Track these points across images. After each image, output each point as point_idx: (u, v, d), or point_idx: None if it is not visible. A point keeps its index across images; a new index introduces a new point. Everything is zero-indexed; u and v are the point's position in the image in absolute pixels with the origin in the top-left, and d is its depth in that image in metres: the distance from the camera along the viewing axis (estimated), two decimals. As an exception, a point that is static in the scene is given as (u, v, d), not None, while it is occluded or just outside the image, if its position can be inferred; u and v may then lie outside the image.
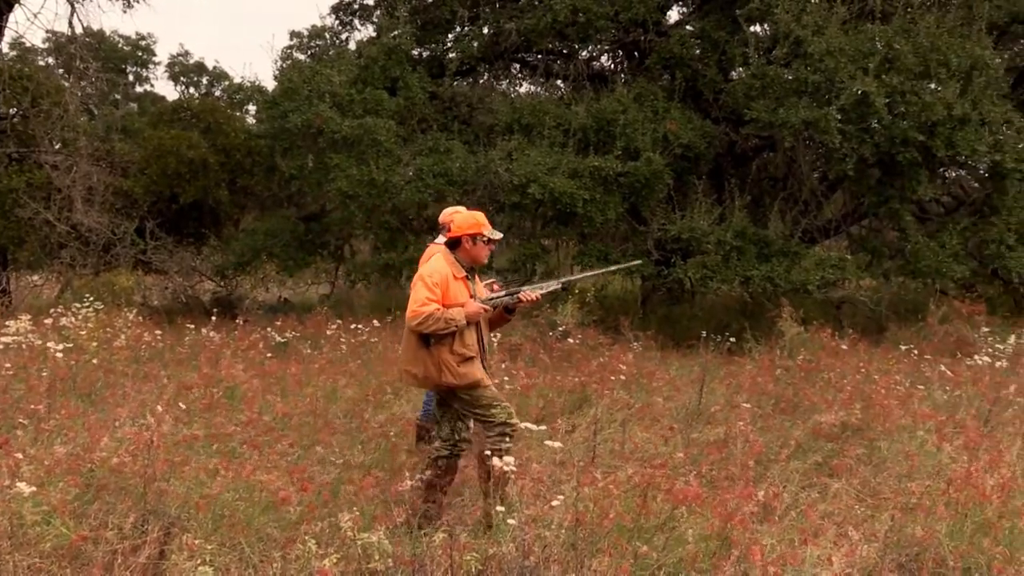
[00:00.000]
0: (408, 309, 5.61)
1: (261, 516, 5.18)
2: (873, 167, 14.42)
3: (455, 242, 5.87)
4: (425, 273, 5.73)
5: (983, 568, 4.78)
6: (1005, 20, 16.21)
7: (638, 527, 4.99)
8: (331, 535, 4.75)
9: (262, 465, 6.06)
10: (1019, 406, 8.35)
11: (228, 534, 4.92)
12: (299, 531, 4.75)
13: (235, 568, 4.69)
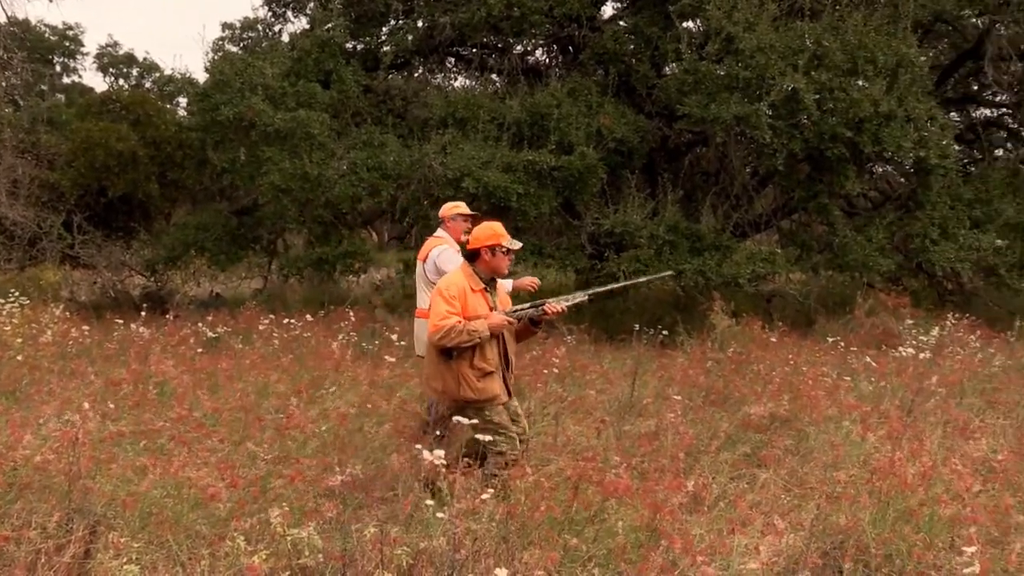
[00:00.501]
0: (429, 324, 5.63)
1: (190, 513, 5.13)
2: (803, 162, 14.65)
3: (474, 254, 5.84)
4: (442, 287, 5.74)
5: (904, 555, 4.89)
6: (929, 19, 16.54)
7: (569, 519, 5.04)
8: (261, 531, 4.72)
9: (191, 462, 6.00)
10: (941, 396, 8.53)
11: (155, 532, 4.87)
12: (228, 528, 4.71)
13: (162, 566, 4.64)
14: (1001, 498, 5.59)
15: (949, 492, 5.66)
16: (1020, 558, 4.69)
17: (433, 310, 5.65)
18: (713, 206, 14.79)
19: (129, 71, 36.60)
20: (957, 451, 6.77)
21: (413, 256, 15.32)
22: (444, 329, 5.52)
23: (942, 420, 7.76)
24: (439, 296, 5.67)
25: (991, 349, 11.63)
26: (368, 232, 26.33)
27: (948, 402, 8.39)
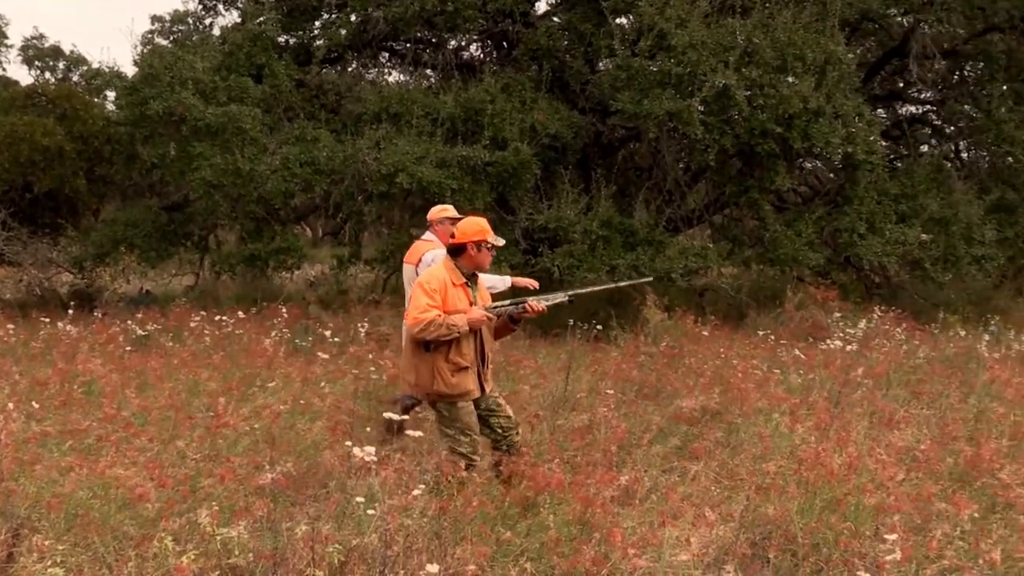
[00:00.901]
0: (408, 316, 5.69)
1: (117, 514, 5.06)
2: (734, 158, 14.83)
3: (459, 249, 5.85)
4: (423, 280, 5.75)
5: (830, 543, 4.98)
6: (856, 17, 16.84)
7: (502, 514, 5.05)
8: (190, 531, 4.67)
9: (119, 461, 5.91)
10: (867, 388, 8.71)
11: (81, 534, 4.79)
12: (157, 528, 4.65)
13: (88, 569, 4.57)
14: (924, 486, 5.72)
15: (874, 481, 5.77)
16: (940, 544, 4.80)
17: (413, 302, 5.68)
18: (646, 201, 14.91)
19: (55, 64, 35.73)
20: (882, 441, 6.92)
21: (346, 252, 15.40)
22: (424, 322, 5.54)
23: (868, 411, 7.92)
24: (420, 289, 5.69)
25: (916, 341, 11.91)
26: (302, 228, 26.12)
27: (874, 393, 8.57)
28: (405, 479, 5.15)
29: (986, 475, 6.12)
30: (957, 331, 13.09)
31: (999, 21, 17.07)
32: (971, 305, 15.95)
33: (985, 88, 17.48)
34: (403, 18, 15.24)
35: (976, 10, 17.16)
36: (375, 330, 11.77)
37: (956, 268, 15.34)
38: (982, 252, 15.59)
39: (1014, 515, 5.48)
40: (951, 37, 18.29)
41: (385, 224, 15.66)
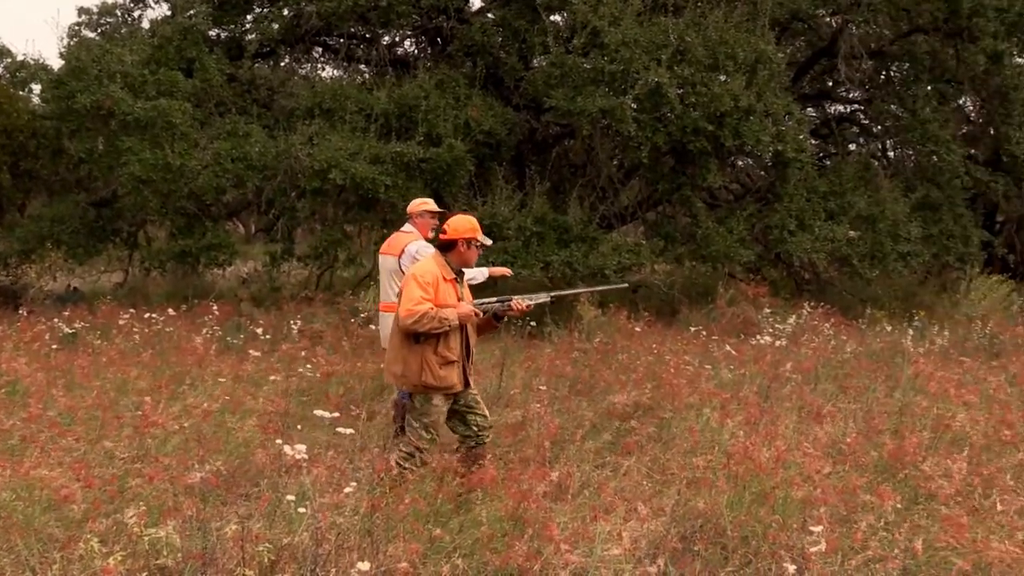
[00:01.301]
0: (401, 307, 5.74)
1: (42, 516, 4.96)
2: (667, 155, 14.96)
3: (450, 244, 5.96)
4: (417, 273, 5.84)
5: (759, 536, 5.06)
6: (786, 17, 17.09)
7: (434, 511, 5.05)
8: (117, 532, 4.60)
9: (44, 462, 5.80)
10: (796, 382, 8.85)
11: (4, 536, 4.69)
12: (83, 530, 4.57)
13: (11, 572, 4.47)
14: (849, 479, 5.83)
15: (801, 474, 5.87)
16: (865, 535, 4.89)
17: (407, 294, 5.75)
18: (580, 198, 14.97)
19: (-22, 57, 34.97)
20: (810, 435, 7.03)
21: (279, 249, 15.24)
22: (418, 314, 5.63)
23: (797, 405, 8.04)
24: (414, 281, 5.77)
25: (844, 336, 12.12)
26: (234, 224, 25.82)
27: (803, 388, 8.70)
28: (337, 477, 5.13)
29: (909, 467, 6.25)
30: (884, 326, 13.34)
31: (923, 23, 17.43)
32: (897, 301, 16.26)
33: (910, 88, 17.84)
34: (336, 13, 15.15)
35: (901, 12, 17.50)
36: (308, 327, 11.69)
37: (883, 265, 15.65)
38: (908, 249, 15.91)
39: (935, 506, 5.60)
40: (878, 38, 18.65)
41: (318, 220, 15.51)
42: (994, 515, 5.57)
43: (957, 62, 17.53)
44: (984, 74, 17.01)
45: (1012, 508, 5.64)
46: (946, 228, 17.27)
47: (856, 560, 4.78)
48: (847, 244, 15.19)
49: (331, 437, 6.71)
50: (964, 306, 16.73)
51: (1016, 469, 6.46)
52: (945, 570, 4.80)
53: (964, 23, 16.27)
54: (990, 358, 11.86)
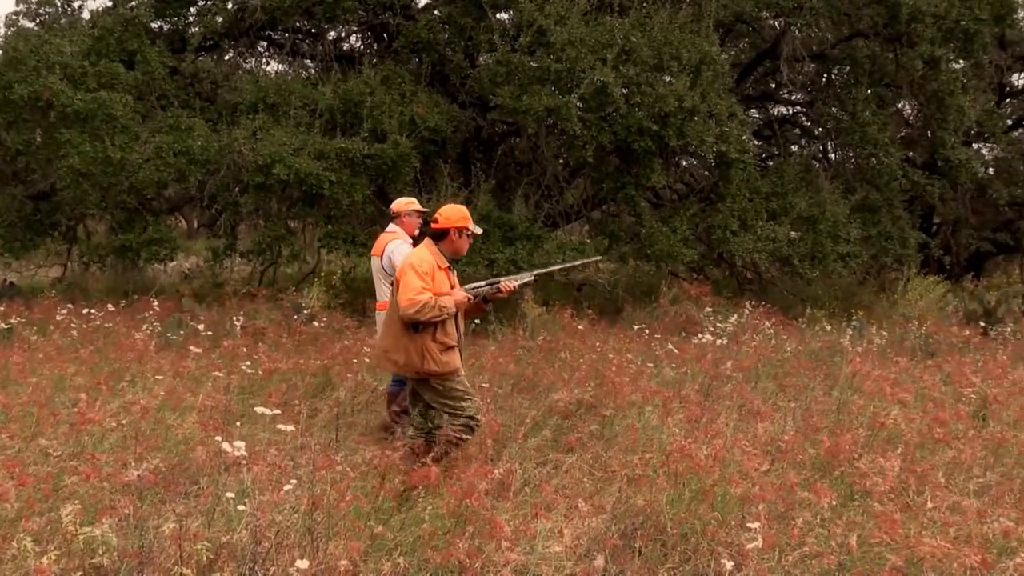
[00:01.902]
0: (402, 297, 5.85)
1: (-28, 516, 4.87)
2: (611, 154, 15.04)
3: (442, 234, 6.13)
4: (415, 263, 5.96)
5: (698, 533, 5.11)
6: (730, 19, 17.29)
7: (375, 508, 5.04)
8: (52, 531, 4.53)
9: (-25, 461, 5.68)
10: (736, 381, 8.95)
11: (-67, 536, 4.60)
12: (16, 529, 4.50)
13: (-58, 571, 4.40)
14: (787, 476, 5.91)
15: (740, 472, 5.95)
16: (802, 531, 4.97)
17: (407, 285, 5.85)
18: (525, 196, 15.02)
19: (-87, 44, 34.17)
20: (749, 433, 7.12)
21: (222, 244, 15.09)
22: (420, 304, 5.78)
23: (737, 404, 8.14)
24: (412, 271, 5.90)
25: (784, 335, 12.28)
26: (176, 219, 25.51)
27: (743, 386, 8.80)
28: (277, 474, 5.10)
29: (845, 464, 6.36)
30: (823, 326, 13.55)
31: (864, 27, 17.72)
32: (837, 301, 16.53)
33: (851, 91, 18.11)
34: (281, 7, 15.03)
35: (843, 16, 17.78)
36: (251, 324, 11.59)
37: (823, 265, 15.89)
38: (847, 250, 16.19)
39: (870, 502, 5.70)
40: (819, 41, 18.95)
41: (262, 216, 15.36)
42: (927, 511, 5.68)
43: (896, 67, 17.84)
44: (922, 79, 17.33)
45: (944, 504, 5.75)
46: (884, 230, 17.59)
47: (793, 556, 4.85)
48: (788, 244, 15.39)
49: (272, 434, 6.66)
50: (901, 306, 17.07)
51: (948, 466, 6.59)
52: (879, 565, 4.89)
53: (903, 28, 16.57)
54: (926, 357, 12.10)
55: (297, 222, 16.02)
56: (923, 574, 4.81)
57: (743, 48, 20.78)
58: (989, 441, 7.19)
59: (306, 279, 15.98)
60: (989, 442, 7.16)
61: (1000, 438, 7.23)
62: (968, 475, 6.43)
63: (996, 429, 7.55)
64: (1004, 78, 25.34)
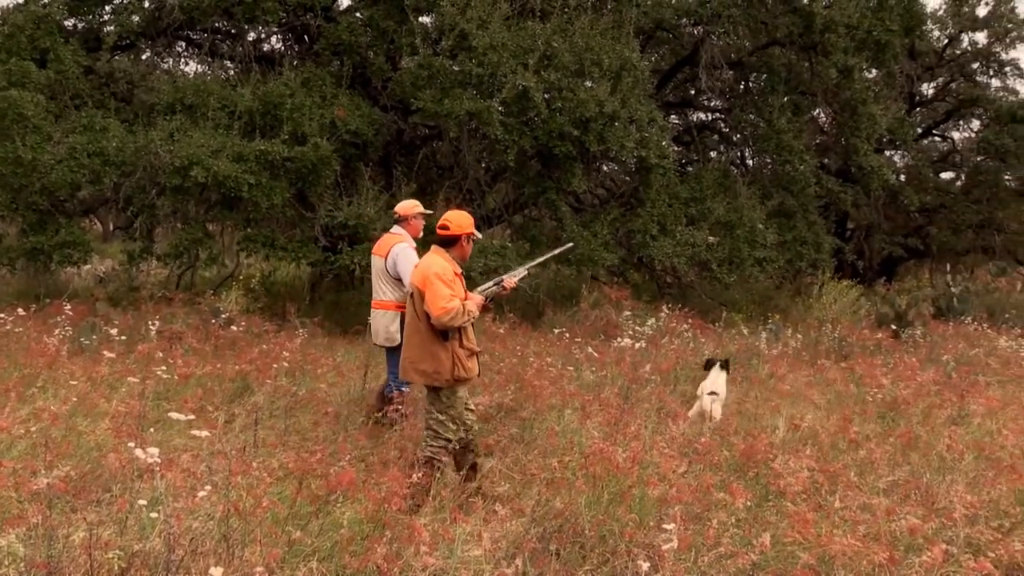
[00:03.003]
0: (433, 306, 5.86)
1: None
2: (533, 159, 15.11)
3: (453, 240, 6.18)
4: (439, 272, 5.95)
5: (616, 535, 5.16)
6: (651, 26, 17.49)
7: (293, 514, 4.99)
8: (-44, 542, 4.41)
9: None
10: (655, 384, 9.05)
11: None
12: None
13: None
14: (704, 477, 5.99)
15: (658, 474, 6.01)
16: (717, 532, 5.04)
17: (437, 294, 5.86)
18: (447, 200, 15.01)
19: None
20: (667, 435, 7.20)
21: (138, 247, 14.79)
22: (453, 311, 5.84)
23: (656, 406, 8.23)
24: (439, 280, 5.91)
25: (702, 339, 12.45)
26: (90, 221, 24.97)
27: (662, 389, 8.91)
28: (191, 481, 5.02)
29: (760, 465, 6.47)
30: (740, 329, 13.76)
31: (780, 36, 18.08)
32: (754, 304, 16.82)
33: (768, 99, 18.45)
34: (200, 7, 14.79)
35: (760, 24, 18.12)
36: (167, 328, 11.38)
37: (740, 269, 16.16)
38: (764, 255, 16.49)
39: (784, 502, 5.81)
40: (737, 49, 19.26)
41: (180, 219, 15.09)
42: (838, 511, 5.81)
43: (811, 75, 18.24)
44: (835, 87, 17.75)
45: (855, 504, 5.89)
46: (800, 235, 17.95)
47: (709, 556, 4.91)
48: (706, 249, 15.62)
49: (188, 440, 6.55)
50: (816, 310, 17.43)
51: (859, 466, 6.74)
52: (791, 564, 4.98)
53: (817, 38, 16.94)
54: (839, 360, 12.36)
55: (216, 225, 15.77)
56: (834, 572, 4.91)
57: (663, 55, 21.03)
58: (898, 441, 7.37)
59: (225, 283, 15.77)
60: (898, 442, 7.34)
61: (908, 438, 7.42)
62: (878, 474, 6.58)
63: (905, 429, 7.74)
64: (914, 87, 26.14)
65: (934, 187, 26.70)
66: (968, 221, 25.48)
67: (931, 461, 6.87)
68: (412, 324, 6.10)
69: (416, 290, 6.05)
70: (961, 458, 6.83)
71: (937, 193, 26.54)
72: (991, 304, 18.65)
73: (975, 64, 26.96)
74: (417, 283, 6.05)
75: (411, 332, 6.12)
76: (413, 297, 6.10)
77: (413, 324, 6.08)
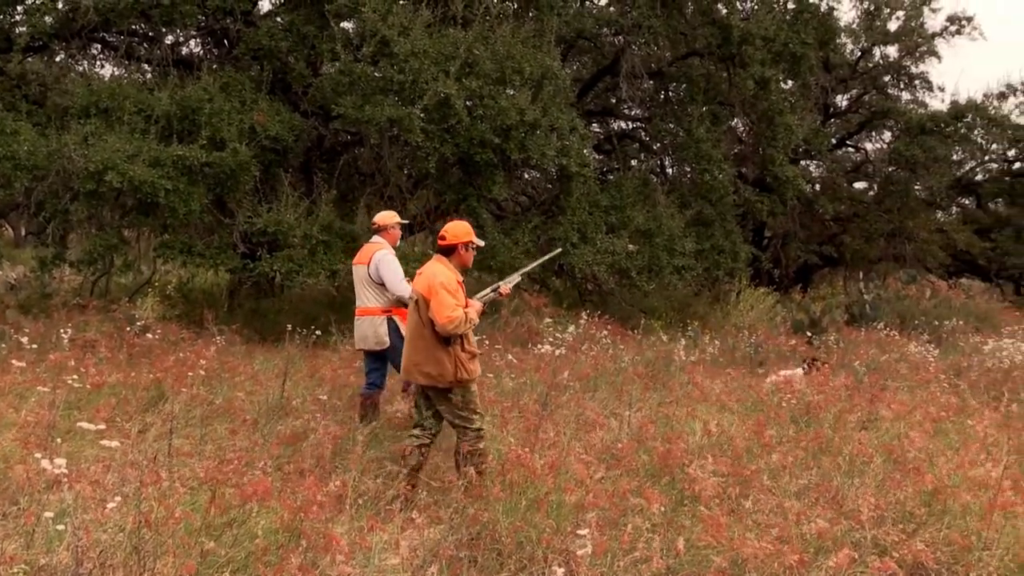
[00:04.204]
0: (439, 315, 6.16)
1: None
2: (454, 166, 15.12)
3: (451, 250, 6.51)
4: (444, 282, 6.24)
5: (533, 541, 5.19)
6: (572, 35, 17.64)
7: (207, 524, 4.93)
8: None
9: None
10: (574, 390, 9.12)
11: None
12: None
13: None
14: (620, 483, 6.05)
15: (575, 480, 6.06)
16: (632, 537, 5.10)
17: (442, 303, 6.16)
18: (369, 207, 14.96)
19: None
20: (585, 441, 7.26)
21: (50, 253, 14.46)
22: (458, 320, 6.15)
23: (575, 413, 8.29)
24: (444, 290, 6.20)
25: (622, 345, 12.56)
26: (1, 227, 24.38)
27: (581, 395, 8.97)
28: (101, 492, 4.93)
29: (676, 470, 6.55)
30: (660, 336, 13.92)
31: (699, 47, 18.38)
32: (673, 311, 17.03)
33: (687, 108, 18.74)
34: (115, 9, 14.51)
35: (680, 35, 18.40)
36: (80, 336, 11.15)
37: (659, 277, 16.36)
38: (682, 263, 16.72)
39: (699, 507, 5.89)
40: (658, 59, 19.54)
41: (94, 224, 14.78)
42: (751, 514, 5.91)
43: (729, 85, 18.56)
44: (753, 98, 18.08)
45: (767, 507, 6.00)
46: (717, 243, 18.23)
47: (624, 561, 4.97)
48: (626, 257, 15.78)
49: (100, 451, 6.43)
50: (734, 317, 17.72)
51: (773, 470, 6.87)
52: (705, 567, 5.06)
53: (735, 50, 17.25)
54: (755, 366, 12.57)
55: (132, 231, 15.50)
56: (746, 574, 5.00)
57: (585, 64, 21.23)
58: (810, 445, 7.52)
59: (141, 290, 15.50)
60: (810, 446, 7.49)
61: (820, 442, 7.58)
62: (790, 478, 6.71)
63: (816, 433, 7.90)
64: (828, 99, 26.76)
65: (848, 196, 27.35)
66: (880, 230, 26.15)
67: (841, 464, 7.02)
68: (416, 329, 6.39)
69: (421, 297, 6.33)
70: (870, 461, 6.99)
71: (851, 202, 27.19)
72: (902, 311, 19.11)
73: (887, 77, 27.72)
74: (422, 291, 6.33)
75: (415, 337, 6.40)
76: (418, 304, 6.37)
77: (417, 329, 6.37)
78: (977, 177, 28.94)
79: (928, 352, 14.05)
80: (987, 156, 28.20)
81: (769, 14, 17.45)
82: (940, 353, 14.47)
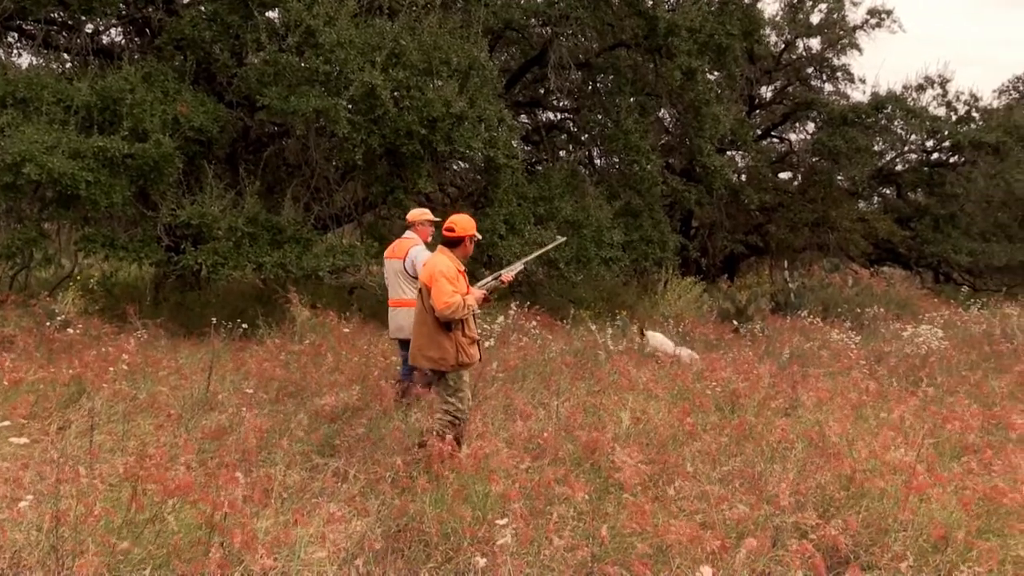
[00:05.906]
0: (437, 301, 6.58)
1: None
2: (382, 158, 15.01)
3: (458, 241, 6.95)
4: (442, 270, 6.66)
5: (459, 532, 5.21)
6: (500, 26, 17.62)
7: (127, 522, 4.87)
8: None
9: None
10: (501, 381, 9.16)
11: None
12: None
13: None
14: (546, 472, 6.09)
15: (502, 470, 6.09)
16: (558, 526, 5.14)
17: (441, 290, 6.58)
18: (295, 198, 14.80)
19: None
20: (512, 431, 7.29)
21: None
22: (455, 305, 6.56)
23: (503, 403, 8.33)
24: (443, 278, 6.61)
25: (550, 336, 12.63)
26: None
27: (509, 386, 9.01)
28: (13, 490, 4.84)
29: (601, 459, 6.62)
30: (588, 326, 14.01)
31: (626, 38, 18.49)
32: (602, 301, 17.16)
33: (615, 99, 18.84)
34: (32, -4, 14.19)
35: (606, 26, 18.48)
36: (-2, 332, 10.92)
37: (587, 268, 16.44)
38: (611, 254, 16.83)
39: (623, 494, 5.95)
40: (585, 50, 19.61)
41: (13, 218, 14.43)
42: (676, 500, 6.00)
43: (656, 76, 18.71)
44: (680, 89, 18.24)
45: (691, 493, 6.10)
46: (646, 234, 18.39)
47: (549, 550, 5.01)
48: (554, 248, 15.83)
49: (15, 449, 6.32)
50: (662, 306, 17.91)
51: (697, 457, 6.97)
52: (629, 554, 5.12)
53: (661, 41, 17.39)
54: (681, 354, 12.70)
55: (52, 224, 15.17)
56: (670, 560, 5.08)
57: (512, 55, 21.23)
58: (733, 432, 7.64)
59: (62, 284, 15.18)
60: (733, 433, 7.62)
61: (743, 429, 7.71)
62: (713, 464, 6.82)
63: (740, 420, 8.03)
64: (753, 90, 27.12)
65: (773, 187, 27.73)
66: (804, 219, 26.58)
67: (764, 451, 7.15)
68: (420, 316, 6.81)
69: (424, 286, 6.76)
70: (792, 447, 7.13)
71: (776, 192, 27.57)
72: (825, 299, 19.46)
73: (809, 69, 28.16)
74: (425, 280, 6.77)
75: (420, 323, 6.81)
76: (421, 292, 6.80)
77: (421, 316, 6.80)
78: (897, 167, 29.50)
79: (850, 339, 14.32)
80: (907, 147, 28.76)
81: (695, 5, 17.59)
82: (861, 340, 14.76)
